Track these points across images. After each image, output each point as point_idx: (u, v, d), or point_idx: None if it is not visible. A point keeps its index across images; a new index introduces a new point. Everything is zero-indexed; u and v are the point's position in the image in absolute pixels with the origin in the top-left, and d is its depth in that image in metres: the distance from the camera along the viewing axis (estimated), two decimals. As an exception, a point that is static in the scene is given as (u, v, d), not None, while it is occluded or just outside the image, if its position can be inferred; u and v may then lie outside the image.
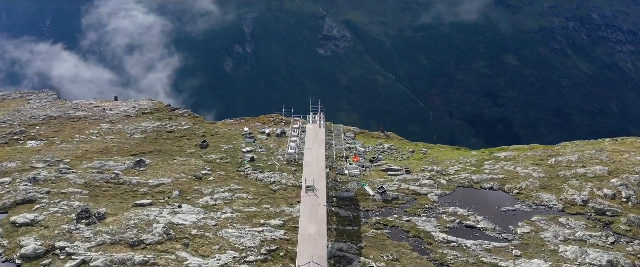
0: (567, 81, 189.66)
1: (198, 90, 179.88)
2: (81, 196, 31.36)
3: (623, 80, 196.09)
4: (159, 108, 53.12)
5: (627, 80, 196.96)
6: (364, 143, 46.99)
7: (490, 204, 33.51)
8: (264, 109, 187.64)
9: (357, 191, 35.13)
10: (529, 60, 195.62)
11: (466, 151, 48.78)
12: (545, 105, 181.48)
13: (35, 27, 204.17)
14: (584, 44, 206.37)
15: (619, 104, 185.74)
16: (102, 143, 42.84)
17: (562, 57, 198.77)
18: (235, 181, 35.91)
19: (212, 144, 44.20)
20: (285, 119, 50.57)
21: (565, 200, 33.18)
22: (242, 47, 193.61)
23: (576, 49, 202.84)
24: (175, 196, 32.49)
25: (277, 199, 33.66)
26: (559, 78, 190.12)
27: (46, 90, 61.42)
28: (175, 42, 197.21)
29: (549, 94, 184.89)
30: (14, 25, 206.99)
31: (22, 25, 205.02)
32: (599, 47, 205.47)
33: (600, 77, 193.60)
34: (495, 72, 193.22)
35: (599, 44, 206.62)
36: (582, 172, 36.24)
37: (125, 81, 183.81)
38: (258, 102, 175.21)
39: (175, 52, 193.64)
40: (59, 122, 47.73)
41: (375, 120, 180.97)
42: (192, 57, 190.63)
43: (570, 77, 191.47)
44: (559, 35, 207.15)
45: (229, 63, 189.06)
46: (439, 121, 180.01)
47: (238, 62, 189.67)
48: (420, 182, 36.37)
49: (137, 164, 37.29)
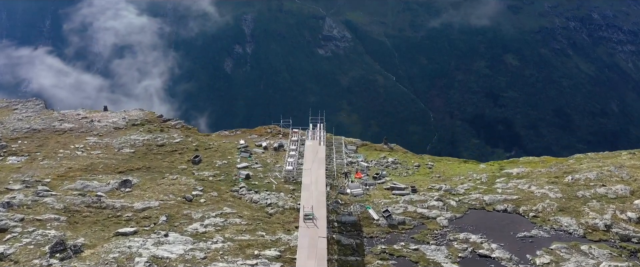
0: (568, 81, 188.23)
1: (198, 91, 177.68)
2: (58, 223, 28.67)
3: (624, 81, 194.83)
4: (151, 119, 50.43)
5: (628, 80, 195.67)
6: (367, 157, 44.34)
7: (505, 229, 30.88)
8: (264, 110, 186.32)
9: (361, 214, 32.49)
10: (529, 60, 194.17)
11: (474, 163, 46.16)
12: (546, 106, 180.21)
13: (20, 30, 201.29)
14: (584, 44, 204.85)
15: (620, 104, 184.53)
16: (88, 159, 40.16)
17: (562, 58, 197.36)
18: (229, 203, 33.23)
19: (206, 159, 41.54)
20: (283, 130, 47.90)
21: (587, 225, 30.57)
22: (242, 47, 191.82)
23: (577, 49, 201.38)
24: (162, 222, 29.81)
25: (273, 224, 30.99)
26: (560, 78, 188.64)
27: (33, 99, 58.71)
28: (174, 43, 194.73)
29: (550, 95, 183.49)
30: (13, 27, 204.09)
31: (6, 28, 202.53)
32: (599, 47, 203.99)
33: (601, 77, 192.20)
34: (495, 73, 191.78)
35: (600, 44, 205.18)
36: (603, 193, 33.64)
37: (120, 85, 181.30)
38: (258, 102, 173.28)
39: (174, 54, 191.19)
40: (43, 136, 45.02)
41: (376, 121, 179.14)
42: (191, 58, 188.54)
43: (571, 77, 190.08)
44: (560, 35, 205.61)
45: (229, 63, 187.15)
46: (439, 122, 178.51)
47: (238, 62, 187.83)
48: (428, 203, 33.71)
49: (122, 184, 34.59)
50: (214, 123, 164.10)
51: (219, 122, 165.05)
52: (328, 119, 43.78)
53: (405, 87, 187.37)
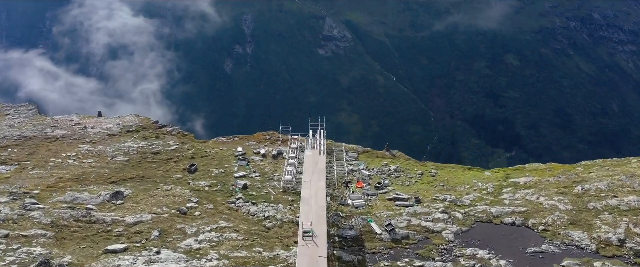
0: (569, 81, 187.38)
1: (198, 92, 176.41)
2: (45, 240, 27.29)
3: (624, 81, 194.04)
4: (146, 125, 48.99)
5: (629, 80, 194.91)
6: (368, 164, 42.94)
7: (514, 243, 29.50)
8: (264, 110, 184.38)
9: (362, 228, 31.12)
10: (530, 60, 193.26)
11: (478, 170, 44.80)
12: (546, 106, 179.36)
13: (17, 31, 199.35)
14: (585, 44, 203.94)
15: (621, 104, 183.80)
16: (79, 168, 38.75)
17: (563, 58, 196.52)
18: (225, 216, 31.86)
19: (202, 168, 40.14)
20: (282, 137, 46.50)
21: (599, 239, 29.20)
22: (242, 47, 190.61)
23: (577, 49, 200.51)
24: (154, 237, 28.43)
25: (271, 238, 29.62)
26: (560, 78, 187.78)
27: (26, 104, 57.19)
28: (174, 44, 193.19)
29: (550, 95, 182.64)
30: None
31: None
32: (600, 47, 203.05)
33: (602, 77, 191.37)
34: (496, 73, 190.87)
35: (601, 44, 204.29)
36: (615, 204, 32.28)
37: (117, 88, 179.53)
38: (258, 103, 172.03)
39: (174, 55, 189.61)
40: (33, 143, 43.59)
41: (376, 121, 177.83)
42: (191, 58, 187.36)
43: (571, 77, 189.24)
44: (560, 35, 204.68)
45: (229, 64, 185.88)
46: (439, 122, 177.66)
47: (238, 62, 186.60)
48: (432, 216, 32.33)
49: (114, 196, 33.19)
50: (213, 124, 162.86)
51: (219, 122, 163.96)
52: (328, 119, 42.44)
53: (405, 87, 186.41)
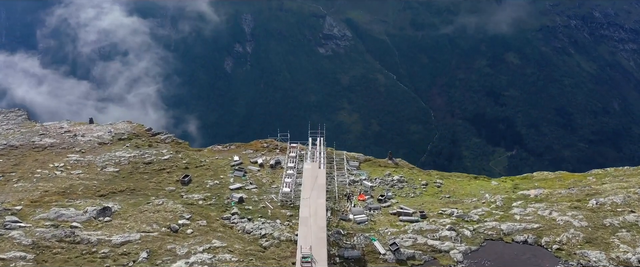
0: (569, 80, 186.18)
1: (198, 91, 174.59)
2: (24, 263, 25.42)
3: (625, 79, 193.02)
4: (139, 133, 47.04)
5: (630, 78, 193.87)
6: (370, 174, 41.08)
7: (527, 264, 27.70)
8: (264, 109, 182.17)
9: (365, 247, 29.26)
10: (530, 59, 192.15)
11: (485, 179, 43.02)
12: (547, 104, 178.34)
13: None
14: (586, 42, 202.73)
15: (622, 102, 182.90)
16: (67, 180, 36.86)
17: (564, 56, 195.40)
18: (218, 235, 29.97)
19: (196, 179, 38.26)
20: (280, 145, 44.60)
21: (618, 260, 27.37)
22: (242, 46, 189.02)
23: (578, 47, 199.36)
24: (142, 259, 26.58)
25: (268, 260, 27.74)
26: (561, 77, 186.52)
27: (16, 109, 55.17)
28: (173, 43, 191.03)
29: (551, 93, 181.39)
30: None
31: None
32: (601, 45, 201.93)
33: (603, 75, 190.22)
34: (496, 71, 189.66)
35: (601, 43, 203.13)
36: (633, 221, 30.45)
37: (112, 91, 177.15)
38: (258, 102, 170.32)
39: (173, 54, 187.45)
40: (20, 153, 41.67)
41: (377, 120, 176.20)
42: (191, 57, 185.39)
43: (572, 76, 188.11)
44: (561, 33, 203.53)
45: (229, 63, 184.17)
46: (440, 121, 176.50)
47: (238, 61, 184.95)
48: (439, 233, 30.47)
49: (101, 212, 31.29)
50: (213, 123, 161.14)
51: (219, 122, 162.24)
52: (328, 118, 40.66)
53: (406, 86, 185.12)
